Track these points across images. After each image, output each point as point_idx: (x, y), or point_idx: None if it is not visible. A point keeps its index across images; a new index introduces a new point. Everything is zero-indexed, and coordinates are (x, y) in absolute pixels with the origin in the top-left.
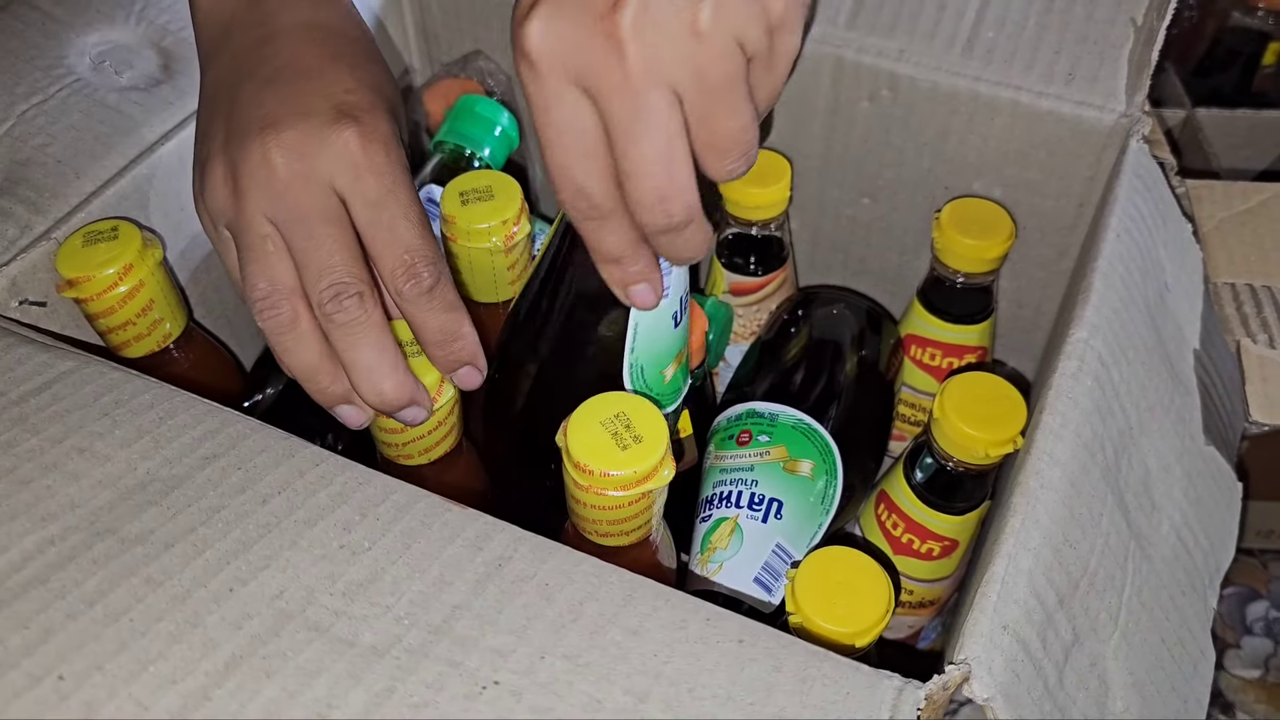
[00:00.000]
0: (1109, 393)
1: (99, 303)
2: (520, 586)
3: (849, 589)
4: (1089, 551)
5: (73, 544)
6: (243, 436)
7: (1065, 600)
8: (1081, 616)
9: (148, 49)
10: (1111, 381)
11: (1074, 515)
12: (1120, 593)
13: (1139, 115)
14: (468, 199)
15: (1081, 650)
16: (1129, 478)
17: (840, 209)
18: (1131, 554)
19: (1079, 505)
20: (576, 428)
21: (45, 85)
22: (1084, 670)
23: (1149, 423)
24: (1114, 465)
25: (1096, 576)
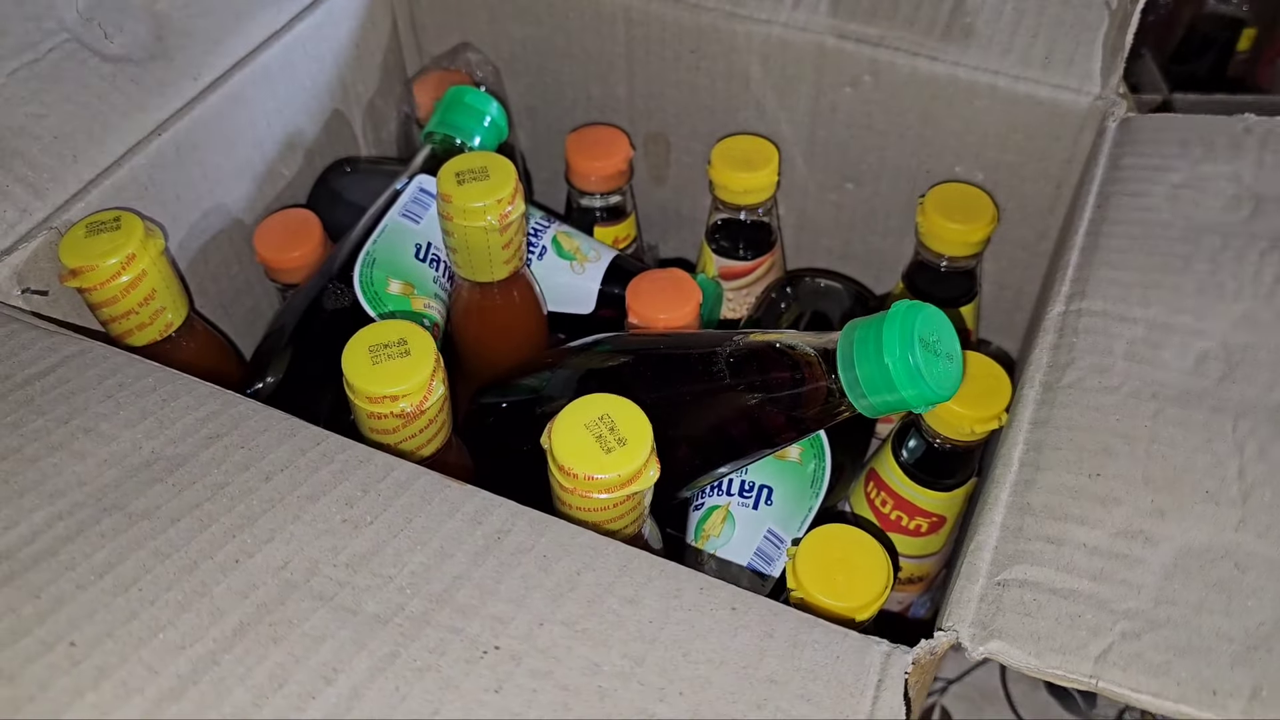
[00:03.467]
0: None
1: (102, 292)
2: (519, 558)
3: (848, 565)
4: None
5: (81, 519)
6: (244, 417)
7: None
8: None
9: (140, 9)
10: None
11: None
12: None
13: (1114, 98)
14: (464, 179)
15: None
16: None
17: (824, 194)
18: None
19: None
20: (561, 431)
21: (36, 40)
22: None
23: None
24: None
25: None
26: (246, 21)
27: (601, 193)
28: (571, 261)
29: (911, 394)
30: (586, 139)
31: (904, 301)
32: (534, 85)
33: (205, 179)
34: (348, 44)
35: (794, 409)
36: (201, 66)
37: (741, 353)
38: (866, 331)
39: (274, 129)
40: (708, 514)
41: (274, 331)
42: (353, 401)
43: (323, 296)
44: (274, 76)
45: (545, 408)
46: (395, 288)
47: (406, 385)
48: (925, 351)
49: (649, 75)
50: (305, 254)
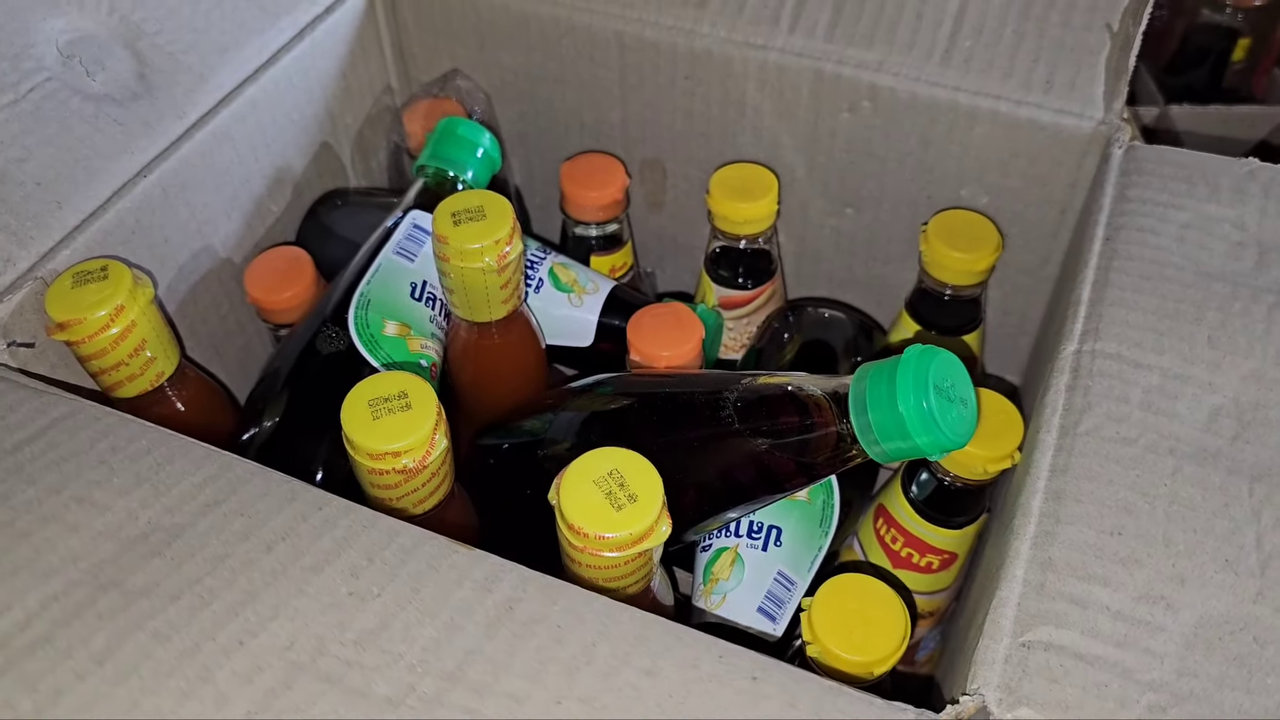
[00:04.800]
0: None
1: (91, 345)
2: (532, 629)
3: (865, 617)
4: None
5: (77, 599)
6: (243, 481)
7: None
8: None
9: (120, 47)
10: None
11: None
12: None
13: (1118, 122)
14: (460, 219)
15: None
16: None
17: (824, 219)
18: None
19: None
20: (569, 487)
21: (15, 81)
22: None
23: None
24: None
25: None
26: (231, 55)
27: (598, 222)
28: (569, 294)
29: (926, 441)
30: (582, 168)
31: (917, 346)
32: (526, 112)
33: (194, 219)
34: (335, 74)
35: (804, 454)
36: (187, 104)
37: (750, 397)
38: (879, 377)
39: (262, 164)
40: (716, 556)
41: (268, 376)
42: (353, 457)
43: (317, 339)
44: (261, 111)
45: (547, 451)
46: (391, 329)
47: (408, 441)
48: (939, 398)
49: (644, 101)
50: (297, 294)
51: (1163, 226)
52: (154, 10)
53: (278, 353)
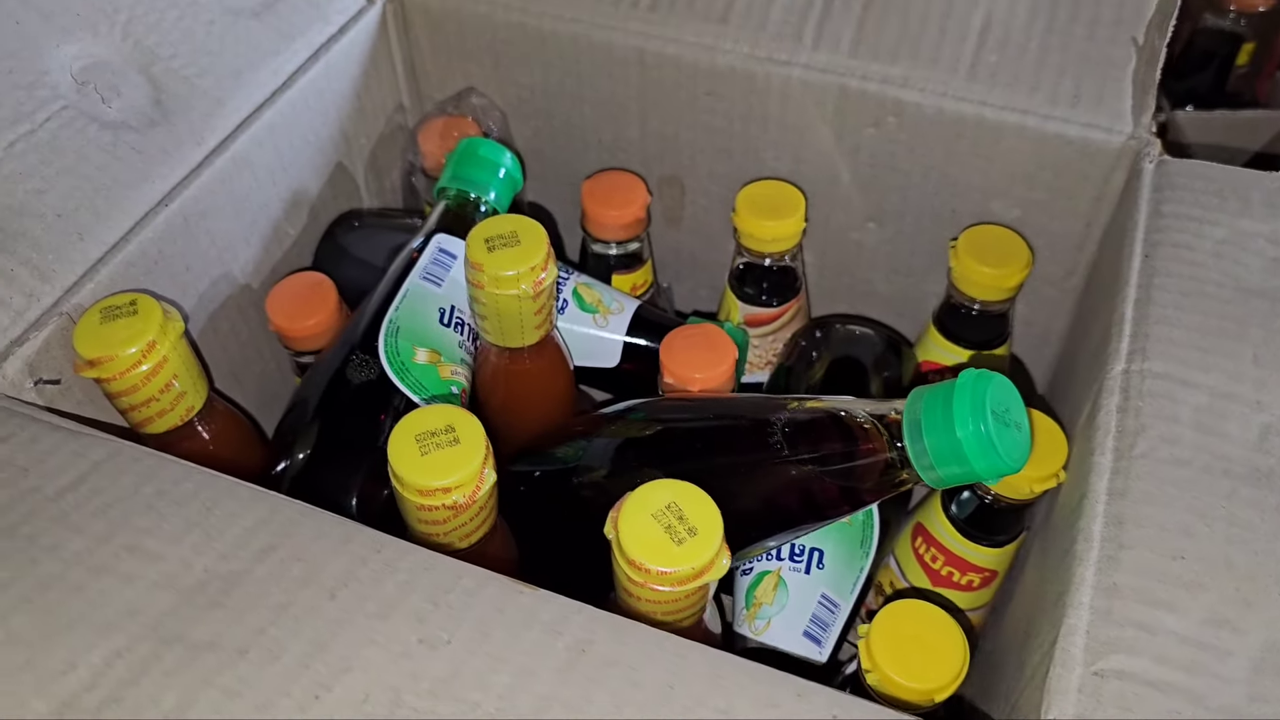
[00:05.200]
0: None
1: (122, 381)
2: (605, 672)
3: (924, 644)
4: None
5: (141, 655)
6: (295, 523)
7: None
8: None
9: (135, 73)
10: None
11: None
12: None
13: (1147, 137)
14: (494, 245)
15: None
16: None
17: (845, 234)
18: None
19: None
20: (628, 521)
21: (31, 110)
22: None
23: None
24: None
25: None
26: (246, 79)
27: (619, 240)
28: (594, 314)
29: (984, 467)
30: (603, 186)
31: (971, 370)
32: (542, 129)
33: (214, 246)
34: (349, 95)
35: (855, 480)
36: (205, 130)
37: (800, 423)
38: (934, 402)
39: (279, 188)
40: (758, 580)
41: (296, 406)
42: (400, 494)
43: (347, 368)
44: (278, 135)
45: (588, 478)
46: (421, 356)
47: (458, 476)
48: (997, 423)
49: (663, 118)
50: (321, 321)
51: (1199, 243)
52: (168, 35)
53: (305, 382)
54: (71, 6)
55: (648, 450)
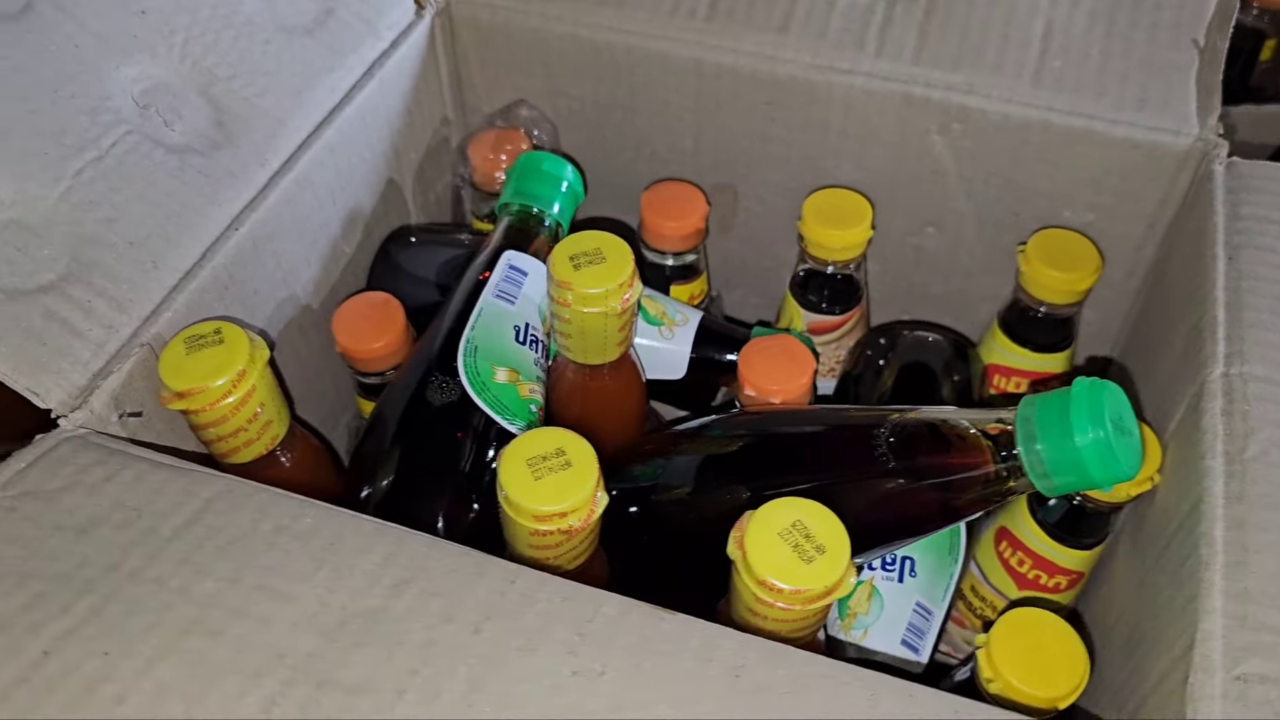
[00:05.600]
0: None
1: (211, 413)
2: (764, 698)
3: (1044, 652)
4: None
5: (298, 700)
6: (424, 556)
7: None
8: None
9: (195, 94)
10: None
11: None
12: None
13: (1214, 139)
14: (579, 263)
15: None
16: None
17: (904, 238)
18: None
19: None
20: (755, 541)
21: (96, 136)
22: None
23: None
24: None
25: None
26: (305, 98)
27: (677, 251)
28: (660, 327)
29: (1102, 475)
30: (662, 196)
31: (1085, 379)
32: (592, 140)
33: (279, 269)
34: (400, 111)
35: (963, 492)
36: (267, 151)
37: (906, 435)
38: (1049, 411)
39: (338, 207)
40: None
41: (374, 430)
42: (513, 519)
43: (426, 390)
44: (338, 154)
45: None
46: (501, 375)
47: (574, 501)
48: (1114, 430)
49: (718, 127)
50: (390, 342)
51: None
52: (225, 55)
53: (382, 405)
54: (128, 28)
55: (747, 465)
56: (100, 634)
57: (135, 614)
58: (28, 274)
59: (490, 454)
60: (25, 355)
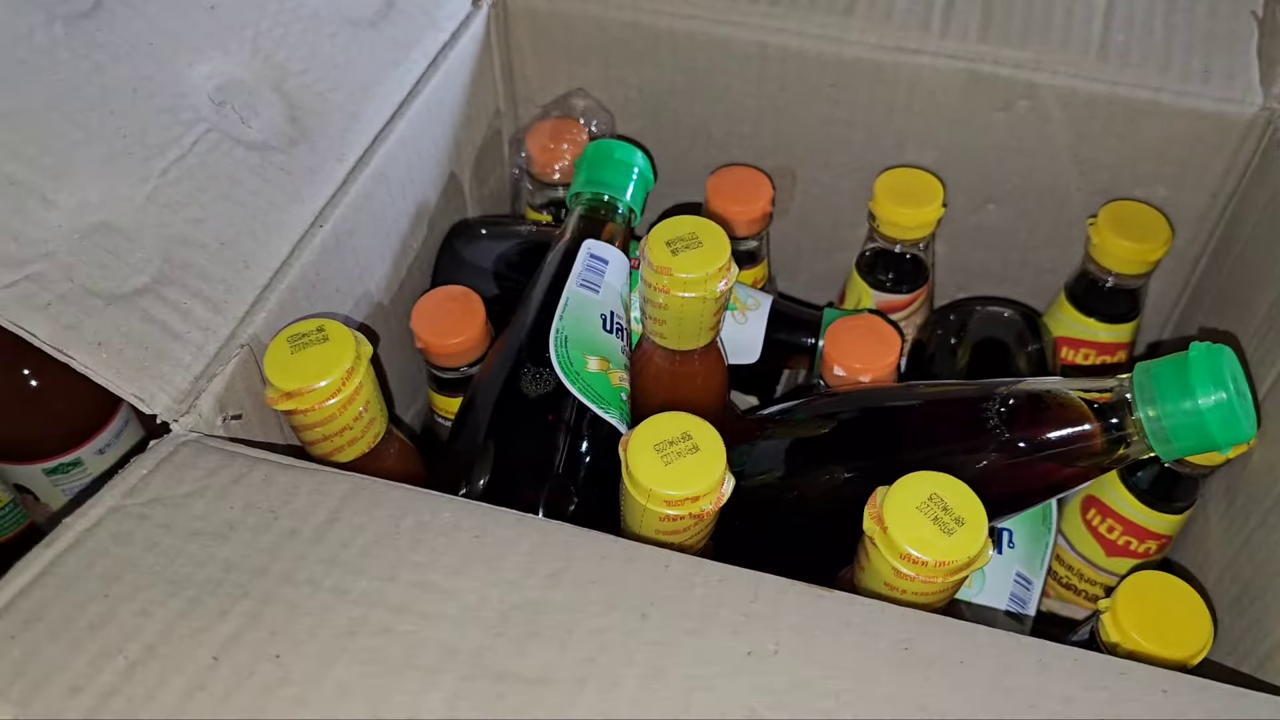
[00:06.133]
0: None
1: (320, 412)
2: (936, 669)
3: (1168, 614)
4: None
5: (482, 694)
6: (572, 545)
7: None
8: None
9: (269, 90)
10: None
11: None
12: None
13: (1278, 107)
14: (676, 248)
15: None
16: None
17: (965, 216)
18: None
19: None
20: (894, 515)
21: (178, 135)
22: None
23: None
24: None
25: None
26: (375, 91)
27: (741, 237)
28: (733, 311)
29: (1225, 437)
30: (728, 181)
31: (1201, 344)
32: (648, 127)
33: (358, 265)
34: (461, 103)
35: (1075, 461)
36: (344, 146)
37: (1018, 406)
38: (1168, 376)
39: (408, 201)
40: None
41: (465, 423)
42: (642, 505)
43: (520, 382)
44: (409, 147)
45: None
46: (593, 365)
47: (705, 484)
48: (1235, 393)
49: (779, 110)
50: (471, 337)
51: None
52: (295, 49)
53: (471, 398)
54: (200, 25)
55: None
56: (266, 638)
57: (296, 616)
58: (123, 277)
59: (586, 444)
60: (127, 360)
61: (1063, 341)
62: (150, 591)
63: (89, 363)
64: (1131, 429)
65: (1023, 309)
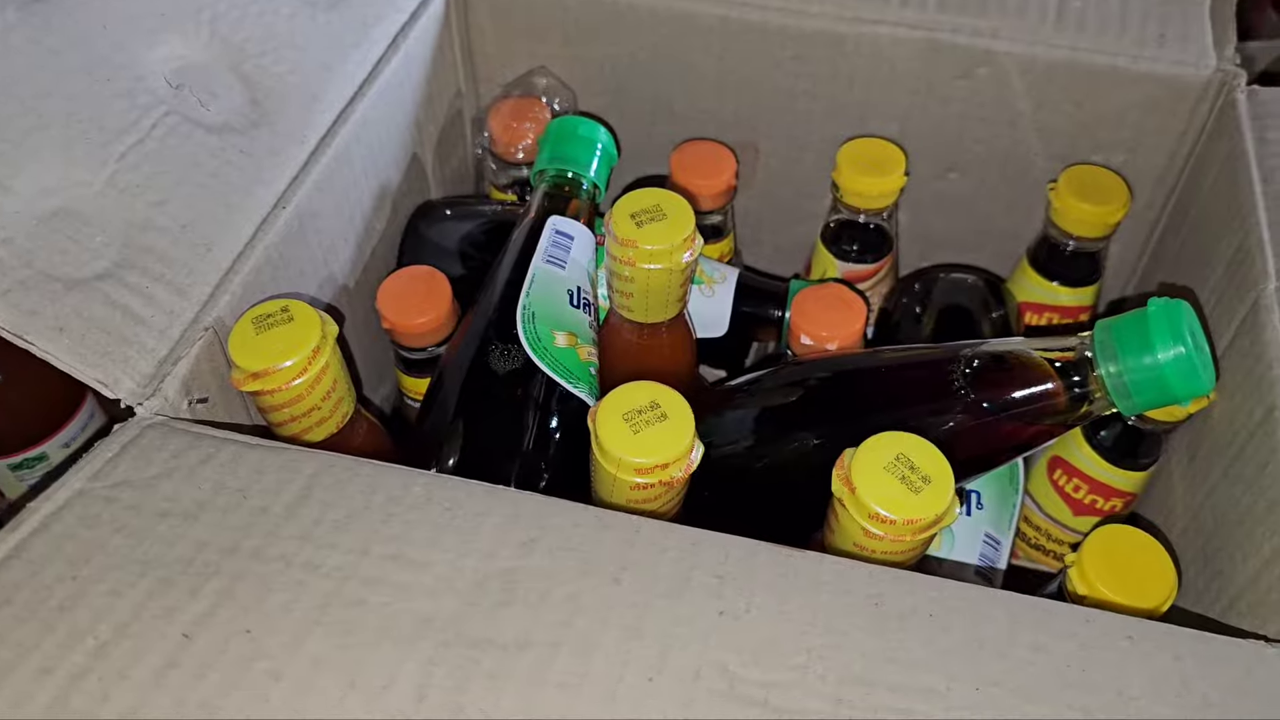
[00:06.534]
0: None
1: (287, 392)
2: (909, 622)
3: (1132, 565)
4: None
5: (457, 661)
6: (544, 514)
7: None
8: None
9: (227, 73)
10: None
11: None
12: None
13: (1233, 68)
14: (641, 220)
15: None
16: None
17: (926, 184)
18: None
19: None
20: (862, 475)
21: (136, 119)
22: None
23: None
24: None
25: None
26: (335, 72)
27: (706, 211)
28: (700, 285)
29: (1184, 389)
30: (692, 156)
31: (1159, 298)
32: (612, 103)
33: (321, 247)
34: (422, 83)
35: (1040, 420)
36: (305, 127)
37: (982, 367)
38: (1127, 332)
39: (370, 183)
40: None
41: (434, 401)
42: (611, 475)
43: (489, 359)
44: (371, 128)
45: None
46: (561, 340)
47: (675, 452)
48: (1193, 347)
49: (741, 84)
50: (439, 316)
51: None
52: (253, 31)
53: (440, 377)
54: (156, 8)
55: (827, 407)
56: (238, 614)
57: (269, 592)
58: (83, 263)
59: (556, 419)
60: (89, 346)
61: (1026, 306)
62: (119, 572)
63: (50, 348)
64: (1094, 386)
65: (986, 275)
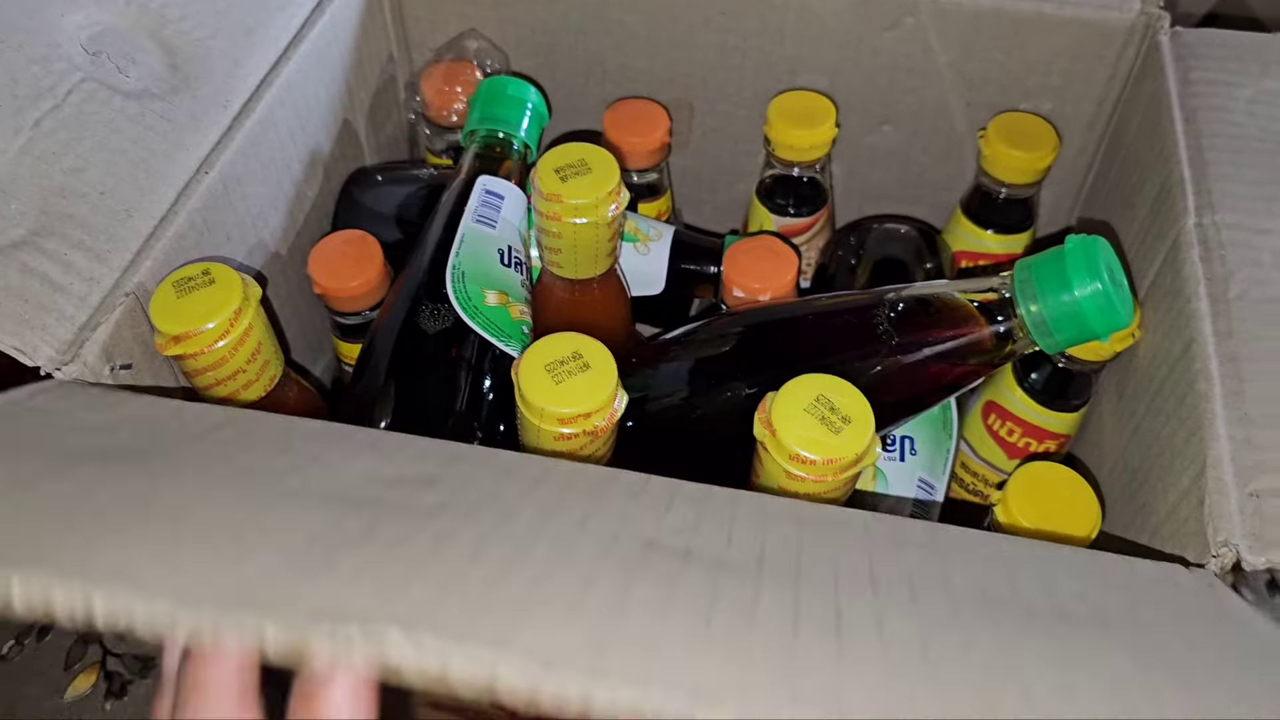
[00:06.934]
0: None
1: (210, 355)
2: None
3: (1058, 500)
4: None
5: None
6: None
7: None
8: None
9: (145, 38)
10: None
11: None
12: None
13: (1156, 11)
14: (565, 175)
15: None
16: None
17: (860, 137)
18: None
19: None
20: (782, 417)
21: (51, 85)
22: None
23: None
24: None
25: None
26: (258, 37)
27: (641, 169)
28: (635, 243)
29: (1102, 324)
30: (624, 114)
31: (1076, 236)
32: (544, 64)
33: (249, 213)
34: (350, 48)
35: (965, 361)
36: (228, 92)
37: (905, 310)
38: (1045, 269)
39: (299, 148)
40: None
41: (366, 364)
42: (535, 425)
43: (419, 320)
44: (296, 92)
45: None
46: (492, 299)
47: (597, 401)
48: (1110, 282)
49: (673, 42)
50: (371, 279)
51: (1232, 104)
52: None
53: (371, 339)
54: None
55: (754, 356)
56: (146, 490)
57: (179, 469)
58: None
59: (489, 379)
60: (6, 314)
61: (960, 255)
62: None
63: None
64: (1016, 325)
65: (920, 225)
